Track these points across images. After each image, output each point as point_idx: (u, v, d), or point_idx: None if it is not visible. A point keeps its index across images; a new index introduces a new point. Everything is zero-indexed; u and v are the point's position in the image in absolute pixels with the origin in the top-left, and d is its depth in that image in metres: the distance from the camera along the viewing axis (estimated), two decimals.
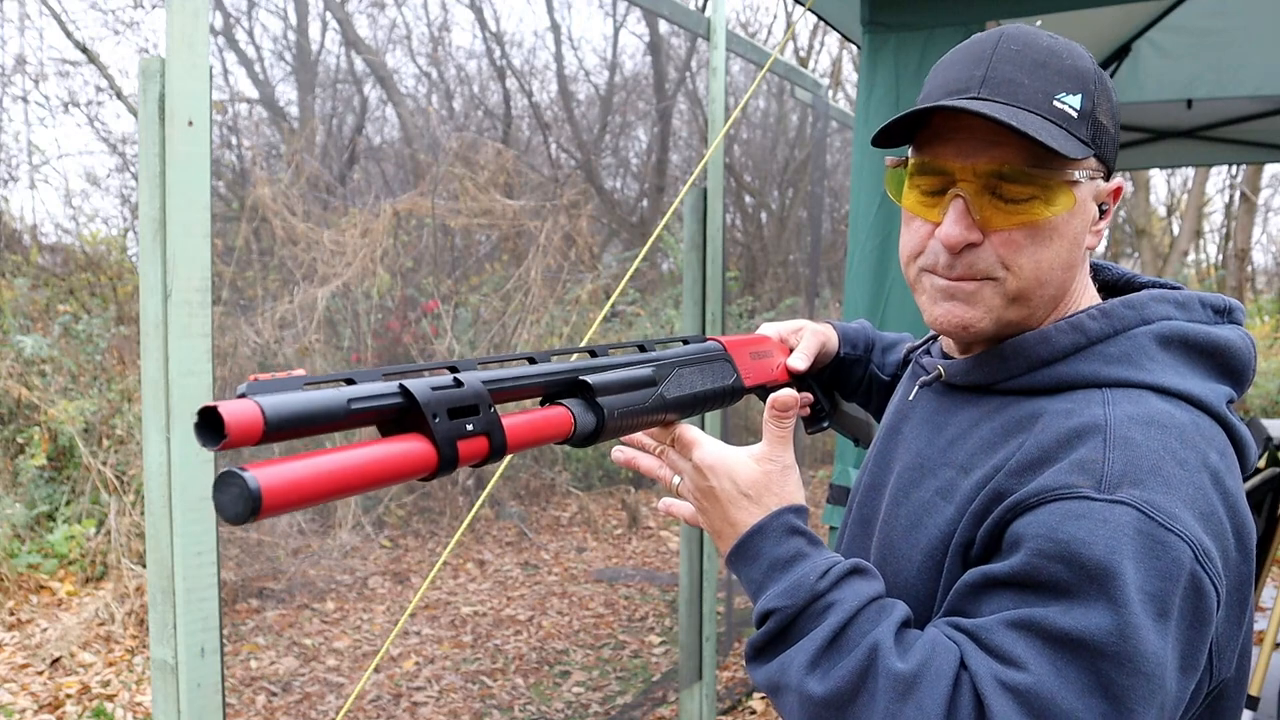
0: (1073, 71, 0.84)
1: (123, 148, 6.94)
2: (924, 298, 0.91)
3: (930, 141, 0.86)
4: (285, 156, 5.88)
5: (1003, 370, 0.89)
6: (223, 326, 5.04)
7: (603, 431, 0.84)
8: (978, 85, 0.83)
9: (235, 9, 7.08)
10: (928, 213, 0.87)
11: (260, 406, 0.60)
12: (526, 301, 5.91)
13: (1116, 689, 0.70)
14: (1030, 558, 0.75)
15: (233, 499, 0.59)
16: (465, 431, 0.71)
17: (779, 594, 0.81)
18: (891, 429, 1.02)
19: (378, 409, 0.68)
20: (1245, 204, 12.10)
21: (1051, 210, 0.83)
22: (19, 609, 4.45)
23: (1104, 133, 0.86)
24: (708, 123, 3.37)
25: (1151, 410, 0.81)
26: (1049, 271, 0.86)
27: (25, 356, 5.15)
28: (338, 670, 4.02)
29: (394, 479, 0.68)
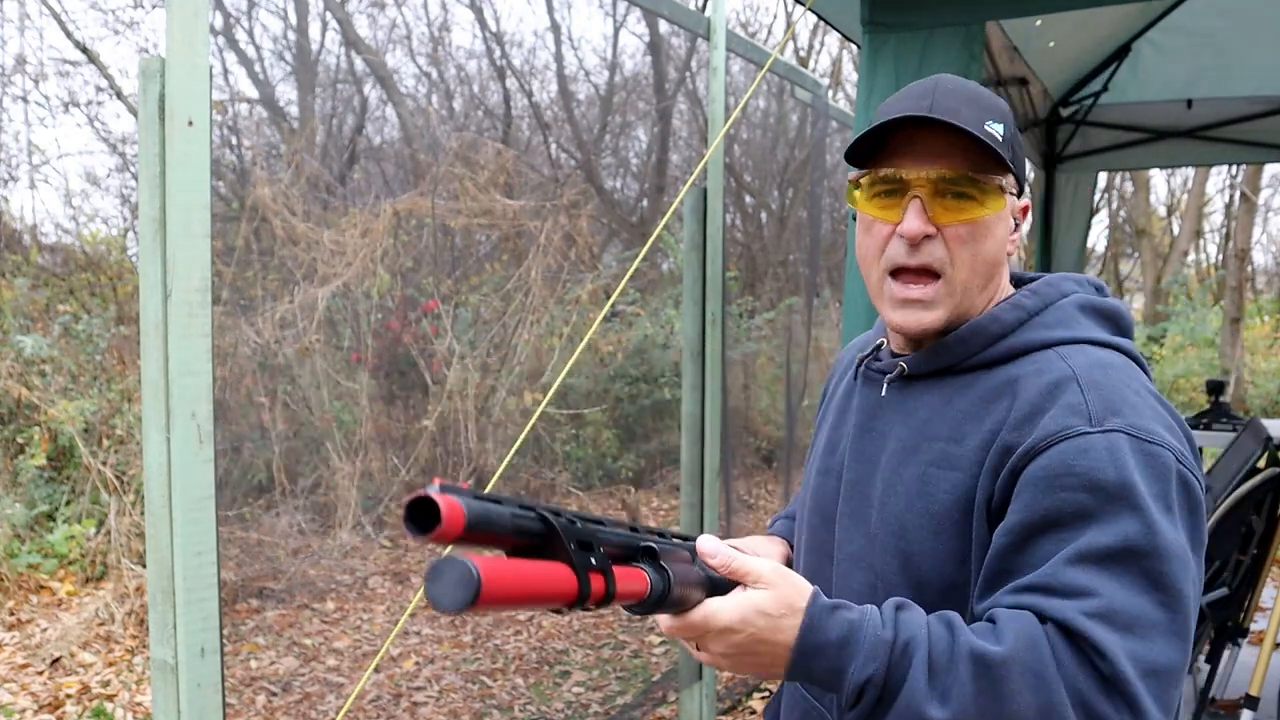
0: (995, 106, 1.04)
1: (123, 148, 6.95)
2: (886, 304, 1.07)
3: (889, 157, 1.04)
4: (285, 156, 5.88)
5: (964, 350, 1.05)
6: (223, 326, 5.04)
7: (668, 596, 0.83)
8: (928, 109, 1.00)
9: (235, 9, 7.08)
10: (887, 215, 1.04)
11: (463, 507, 0.63)
12: (526, 301, 5.91)
13: (1163, 578, 0.87)
14: (1056, 494, 0.90)
15: (454, 585, 0.61)
16: (591, 564, 0.74)
17: (863, 664, 0.86)
18: (864, 428, 1.13)
19: (528, 531, 0.71)
20: (1245, 204, 12.10)
21: (987, 210, 1.02)
22: (19, 609, 4.45)
23: (1018, 159, 1.05)
24: (708, 123, 3.37)
25: (1098, 357, 1.00)
26: (983, 265, 1.04)
27: (25, 356, 5.15)
28: (338, 670, 4.02)
29: (550, 599, 0.70)
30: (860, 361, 1.19)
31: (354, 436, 5.45)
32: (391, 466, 5.63)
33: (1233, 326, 11.08)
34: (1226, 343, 11.07)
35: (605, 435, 6.92)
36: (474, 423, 5.71)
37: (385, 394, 5.96)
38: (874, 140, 1.05)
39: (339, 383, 5.50)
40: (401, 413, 6.04)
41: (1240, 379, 10.77)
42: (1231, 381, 10.09)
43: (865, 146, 1.06)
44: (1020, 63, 4.04)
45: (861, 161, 1.08)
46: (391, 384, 6.05)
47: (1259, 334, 12.71)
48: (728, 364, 4.20)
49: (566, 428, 6.59)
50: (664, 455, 7.16)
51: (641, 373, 7.21)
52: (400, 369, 6.04)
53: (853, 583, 1.08)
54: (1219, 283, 13.26)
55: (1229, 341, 11.02)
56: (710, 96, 3.12)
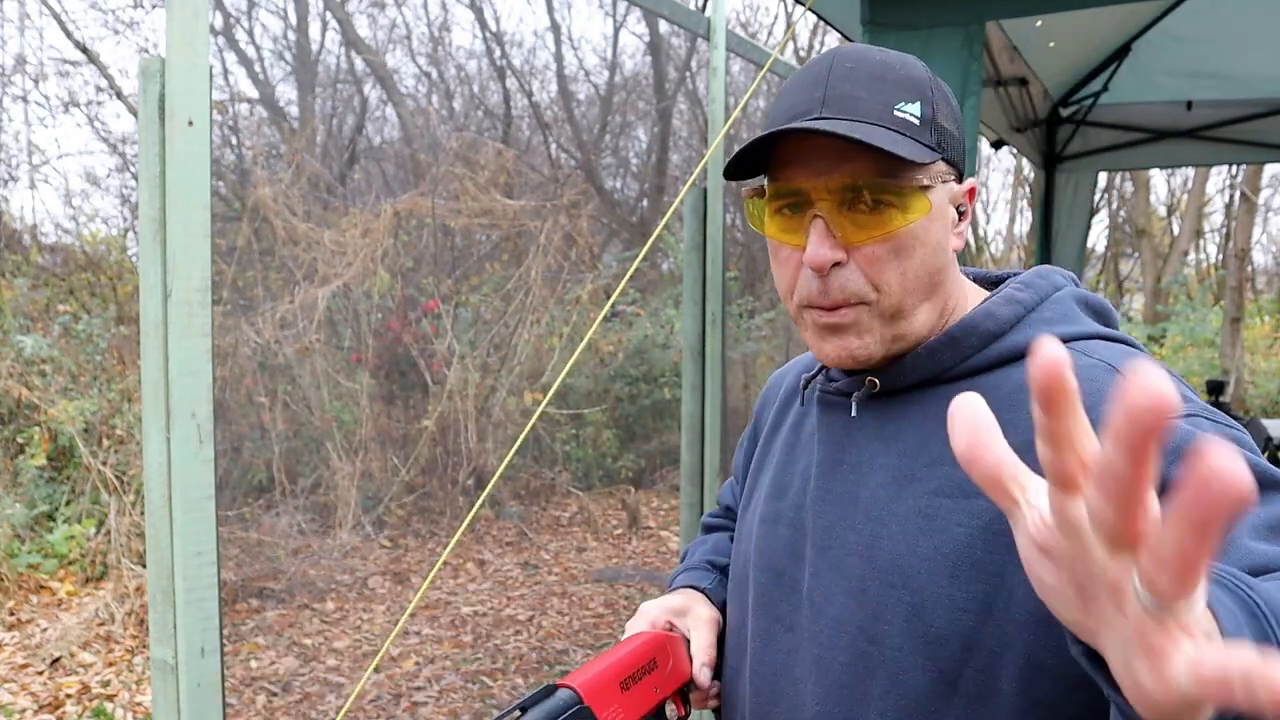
0: (908, 81, 0.85)
1: (123, 148, 6.95)
2: (809, 334, 0.90)
3: (783, 167, 0.86)
4: (285, 156, 5.88)
5: (955, 353, 0.88)
6: (223, 326, 5.05)
7: None
8: (819, 106, 0.84)
9: (235, 9, 7.08)
10: (791, 239, 0.87)
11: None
12: (527, 301, 5.91)
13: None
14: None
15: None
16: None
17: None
18: (831, 461, 0.94)
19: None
20: (1245, 204, 12.10)
21: (908, 218, 0.84)
22: (19, 609, 4.45)
23: (948, 136, 0.87)
24: (708, 123, 3.37)
25: (1119, 350, 0.86)
26: (915, 281, 0.86)
27: (25, 356, 5.15)
28: (338, 670, 4.02)
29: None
30: (807, 383, 1.00)
31: (354, 436, 5.45)
32: (391, 466, 5.63)
33: (1233, 326, 11.08)
34: (1226, 343, 11.07)
35: (605, 435, 6.93)
36: (474, 423, 5.72)
37: (385, 394, 5.96)
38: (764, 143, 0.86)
39: (339, 383, 5.50)
40: (401, 413, 6.05)
41: (1240, 379, 10.77)
42: (1231, 381, 10.09)
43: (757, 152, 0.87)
44: (1020, 63, 4.05)
45: (754, 169, 0.90)
46: (391, 384, 6.05)
47: (1259, 334, 12.72)
48: (728, 364, 4.20)
49: (566, 428, 6.59)
50: (664, 455, 7.17)
51: (641, 373, 7.22)
52: (400, 369, 6.04)
53: (837, 655, 0.87)
54: (1219, 283, 13.26)
55: (1229, 341, 11.02)
56: (710, 96, 3.12)
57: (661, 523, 6.45)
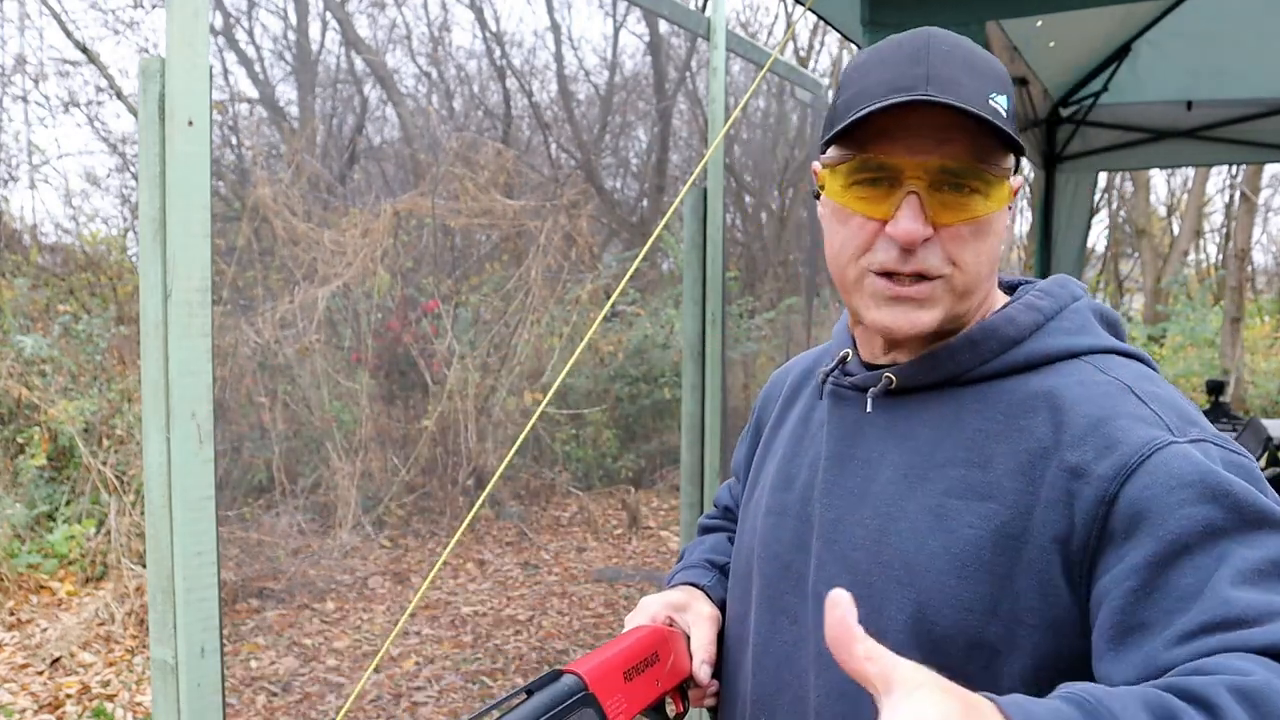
0: (997, 74, 0.87)
1: (123, 148, 6.95)
2: (865, 299, 0.89)
3: (875, 139, 0.85)
4: (285, 156, 5.88)
5: (974, 356, 0.88)
6: (223, 326, 5.05)
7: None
8: (924, 84, 0.83)
9: (235, 9, 7.08)
10: (872, 209, 0.86)
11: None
12: (527, 301, 5.92)
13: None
14: (1175, 513, 0.72)
15: None
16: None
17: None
18: (841, 455, 0.94)
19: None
20: (1245, 204, 12.10)
21: (991, 205, 0.86)
22: (19, 609, 4.45)
23: (1018, 132, 0.90)
24: (708, 123, 3.37)
25: (1136, 369, 0.87)
26: (987, 265, 0.88)
27: (25, 356, 5.15)
28: (338, 670, 4.02)
29: None
30: (825, 376, 0.99)
31: (354, 436, 5.46)
32: (391, 466, 5.64)
33: (1233, 326, 11.08)
34: (1226, 343, 11.07)
35: (605, 435, 6.93)
36: (474, 423, 5.72)
37: (385, 394, 5.97)
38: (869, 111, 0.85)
39: (339, 383, 5.50)
40: (401, 413, 6.05)
41: (1240, 379, 10.77)
42: (1231, 381, 10.09)
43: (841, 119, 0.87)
44: (1020, 63, 4.05)
45: (837, 138, 0.88)
46: (391, 384, 6.05)
47: (1259, 334, 12.72)
48: (728, 364, 4.20)
49: (566, 428, 6.59)
50: (664, 455, 7.17)
51: (641, 373, 7.22)
52: (400, 369, 6.04)
53: None
54: (1219, 283, 13.26)
55: (1229, 341, 11.02)
56: (710, 96, 3.12)
57: (661, 523, 6.45)
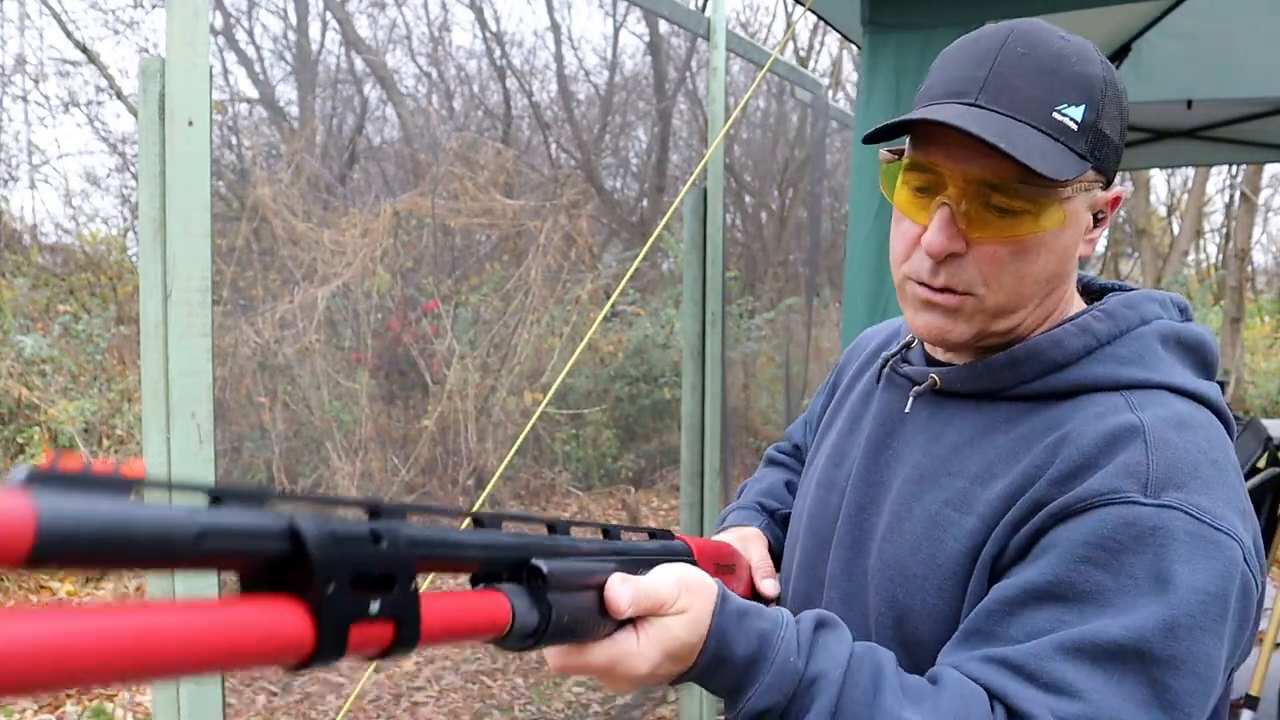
0: (1079, 80, 0.81)
1: (123, 148, 6.95)
2: (907, 304, 0.89)
3: (926, 141, 0.84)
4: (285, 156, 5.88)
5: (1015, 375, 0.86)
6: (223, 326, 5.05)
7: (544, 636, 0.64)
8: (977, 90, 0.80)
9: (235, 9, 7.08)
10: (916, 214, 0.85)
11: (36, 509, 0.36)
12: (526, 301, 5.91)
13: (1172, 695, 0.69)
14: (1076, 565, 0.73)
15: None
16: (366, 614, 0.49)
17: (764, 692, 0.71)
18: (879, 443, 0.94)
19: (245, 552, 0.45)
20: (1245, 204, 12.10)
21: (1039, 227, 0.81)
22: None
23: (1106, 143, 0.82)
24: (708, 123, 3.37)
25: (1178, 412, 0.80)
26: (1031, 286, 0.84)
27: (25, 356, 5.15)
28: (338, 670, 4.02)
29: (228, 663, 0.43)
30: (886, 361, 0.99)
31: (354, 436, 5.45)
32: (391, 466, 5.63)
33: (1233, 326, 11.08)
34: (1226, 343, 11.07)
35: (605, 435, 6.93)
36: (474, 423, 5.72)
37: (385, 394, 5.96)
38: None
39: (339, 383, 5.50)
40: (401, 413, 6.05)
41: (1240, 379, 10.77)
42: (1231, 381, 10.09)
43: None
44: None
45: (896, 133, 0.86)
46: (391, 384, 6.05)
47: (1259, 334, 12.71)
48: (728, 364, 4.20)
49: (566, 428, 6.59)
50: (664, 455, 7.16)
51: (641, 373, 7.21)
52: (400, 369, 6.04)
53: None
54: (1219, 283, 13.26)
55: (1229, 341, 11.02)
56: (710, 96, 3.12)
57: (661, 523, 6.45)
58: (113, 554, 0.39)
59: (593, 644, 0.69)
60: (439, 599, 0.57)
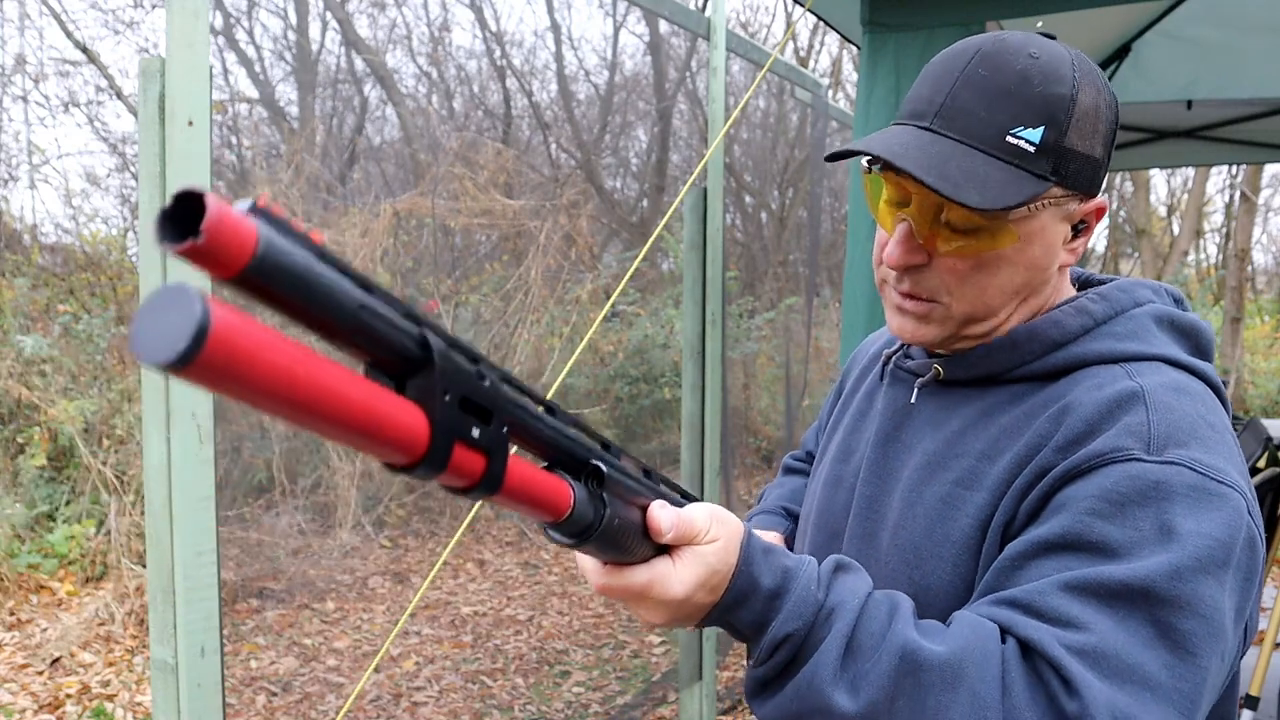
0: (1038, 101, 0.82)
1: (123, 148, 6.94)
2: (886, 304, 0.93)
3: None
4: (285, 156, 5.88)
5: (1016, 357, 0.89)
6: None
7: (594, 533, 0.67)
8: (933, 113, 0.84)
9: (235, 9, 7.08)
10: (887, 224, 0.89)
11: (259, 233, 0.41)
12: (526, 301, 5.91)
13: (1179, 636, 0.70)
14: (1081, 518, 0.75)
15: (165, 328, 0.39)
16: (469, 435, 0.53)
17: (786, 618, 0.74)
18: (886, 436, 0.97)
19: (387, 340, 0.49)
20: (1245, 204, 12.10)
21: (995, 245, 0.83)
22: (19, 609, 4.45)
23: (1073, 159, 0.83)
24: (708, 123, 3.37)
25: (1175, 379, 0.83)
26: (998, 297, 0.87)
27: (25, 356, 5.15)
28: (338, 670, 4.02)
29: (365, 436, 0.48)
30: (888, 359, 1.02)
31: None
32: None
33: (1233, 326, 11.08)
34: (1226, 343, 11.07)
35: (605, 435, 6.92)
36: None
37: None
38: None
39: None
40: None
41: (1240, 379, 10.77)
42: (1231, 381, 10.09)
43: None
44: None
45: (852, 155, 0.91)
46: None
47: (1259, 334, 12.71)
48: (728, 364, 4.20)
49: None
50: (664, 455, 7.16)
51: (641, 373, 7.21)
52: None
53: None
54: (1219, 283, 13.26)
55: (1229, 341, 11.02)
56: (710, 96, 3.12)
57: None
58: (297, 295, 0.44)
59: (633, 565, 0.72)
60: (520, 461, 0.60)
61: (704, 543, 0.73)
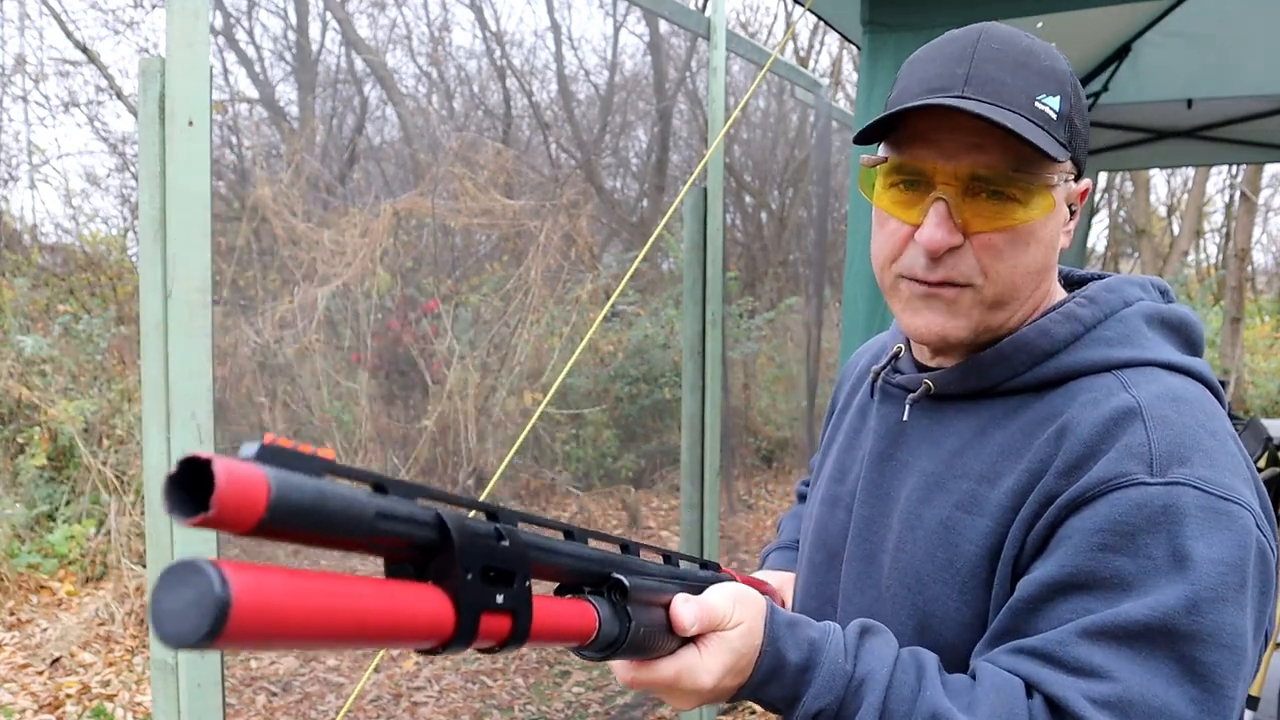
0: (1051, 73, 0.83)
1: (123, 148, 6.94)
2: (900, 304, 0.89)
3: (910, 142, 0.84)
4: (285, 156, 5.88)
5: (1005, 369, 0.87)
6: (223, 326, 5.05)
7: (622, 647, 0.68)
8: (961, 84, 0.81)
9: (235, 9, 7.08)
10: (905, 214, 0.85)
11: (269, 480, 0.41)
12: (526, 301, 5.91)
13: (1202, 669, 0.70)
14: (1093, 554, 0.74)
15: (185, 607, 0.39)
16: (494, 604, 0.54)
17: (818, 693, 0.74)
18: (881, 455, 0.95)
19: (407, 536, 0.50)
20: (1245, 204, 12.09)
21: (1031, 214, 0.82)
22: (19, 609, 4.45)
23: (1078, 135, 0.85)
24: (708, 123, 3.37)
25: (1170, 387, 0.82)
26: (1025, 276, 0.85)
27: (25, 356, 5.15)
28: (338, 670, 4.02)
29: (395, 638, 0.49)
30: (876, 374, 1.00)
31: (354, 436, 5.45)
32: (391, 466, 5.63)
33: (1233, 326, 11.08)
34: (1226, 343, 11.07)
35: (605, 435, 6.92)
36: (474, 423, 5.71)
37: (385, 394, 5.96)
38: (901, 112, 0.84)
39: (339, 383, 5.50)
40: (401, 413, 6.04)
41: (1240, 379, 10.77)
42: (1231, 381, 10.09)
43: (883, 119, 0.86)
44: None
45: (878, 136, 0.87)
46: (391, 384, 6.05)
47: (1259, 334, 12.71)
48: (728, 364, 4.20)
49: (566, 428, 6.59)
50: (664, 455, 7.16)
51: (641, 373, 7.21)
52: (400, 369, 6.04)
53: None
54: (1219, 283, 13.26)
55: (1229, 341, 11.02)
56: (710, 96, 3.12)
57: (661, 523, 6.45)
58: (313, 529, 0.44)
59: (660, 659, 0.73)
60: (543, 601, 0.61)
61: (729, 628, 0.74)
